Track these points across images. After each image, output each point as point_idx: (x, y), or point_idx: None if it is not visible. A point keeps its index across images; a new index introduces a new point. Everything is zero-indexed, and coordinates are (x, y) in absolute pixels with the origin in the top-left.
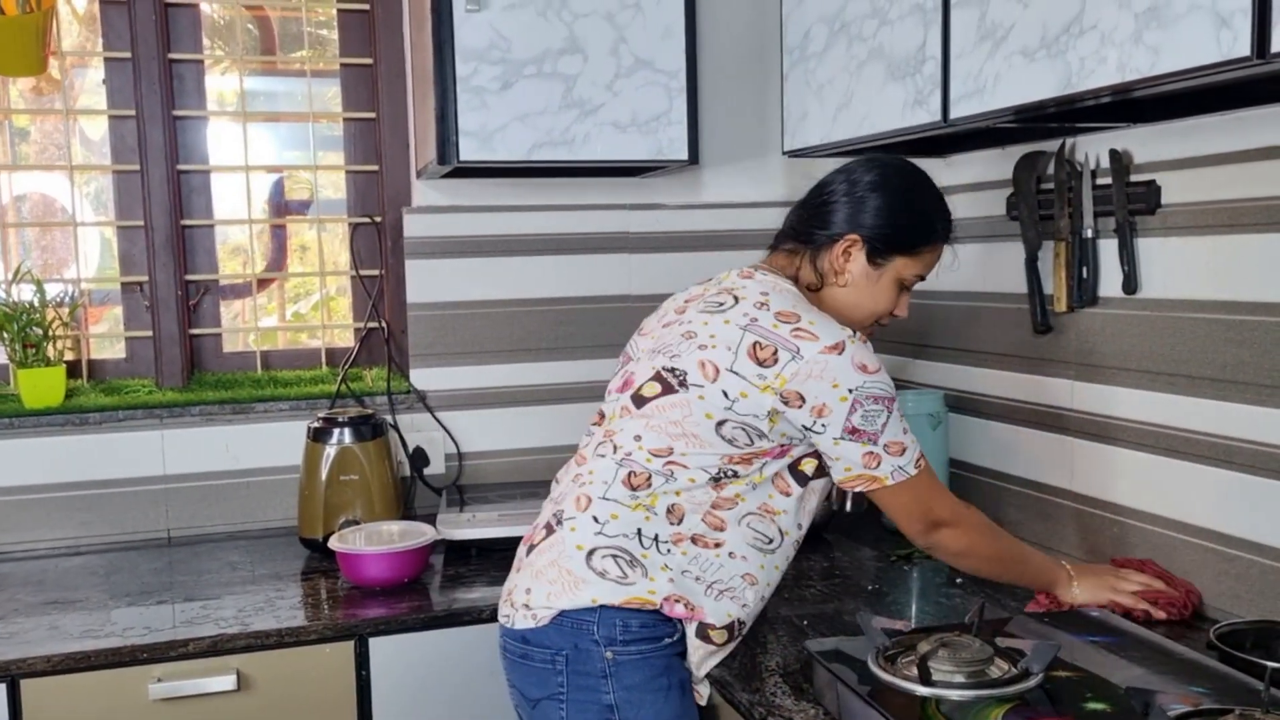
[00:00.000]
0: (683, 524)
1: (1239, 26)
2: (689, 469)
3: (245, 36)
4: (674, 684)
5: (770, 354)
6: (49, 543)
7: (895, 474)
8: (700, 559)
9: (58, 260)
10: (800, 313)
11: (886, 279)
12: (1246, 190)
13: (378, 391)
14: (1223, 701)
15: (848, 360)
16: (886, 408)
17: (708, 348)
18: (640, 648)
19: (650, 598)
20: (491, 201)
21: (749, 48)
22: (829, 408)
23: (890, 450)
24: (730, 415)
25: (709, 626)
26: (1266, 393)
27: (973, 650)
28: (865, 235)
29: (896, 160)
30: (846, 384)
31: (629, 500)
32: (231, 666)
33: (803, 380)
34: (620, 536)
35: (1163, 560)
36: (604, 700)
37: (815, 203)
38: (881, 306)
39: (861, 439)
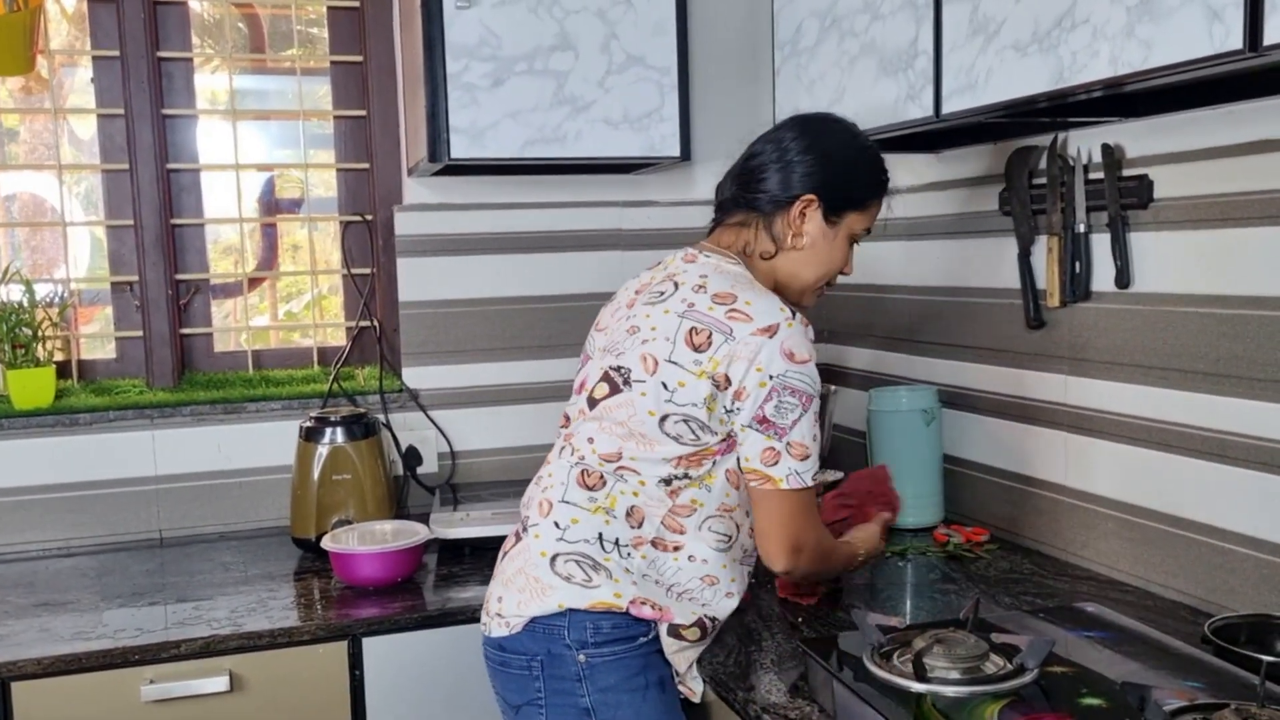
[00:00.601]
0: (643, 527)
1: (1231, 20)
2: (639, 473)
3: (234, 34)
4: (651, 682)
5: (705, 338)
6: (39, 544)
7: (791, 478)
8: (659, 563)
9: (47, 260)
10: (738, 293)
11: (841, 236)
12: (1239, 184)
13: (370, 390)
14: (1218, 696)
15: (777, 345)
16: (803, 404)
17: (649, 341)
18: (614, 649)
19: (616, 601)
20: (483, 199)
21: (740, 43)
22: (746, 391)
23: (793, 452)
24: (671, 408)
25: (680, 626)
26: (1260, 386)
27: (968, 646)
28: (821, 194)
29: (828, 116)
30: (769, 369)
31: (587, 503)
32: (224, 667)
33: (731, 361)
34: (581, 541)
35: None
36: (580, 704)
37: (755, 168)
38: (836, 264)
39: (768, 431)
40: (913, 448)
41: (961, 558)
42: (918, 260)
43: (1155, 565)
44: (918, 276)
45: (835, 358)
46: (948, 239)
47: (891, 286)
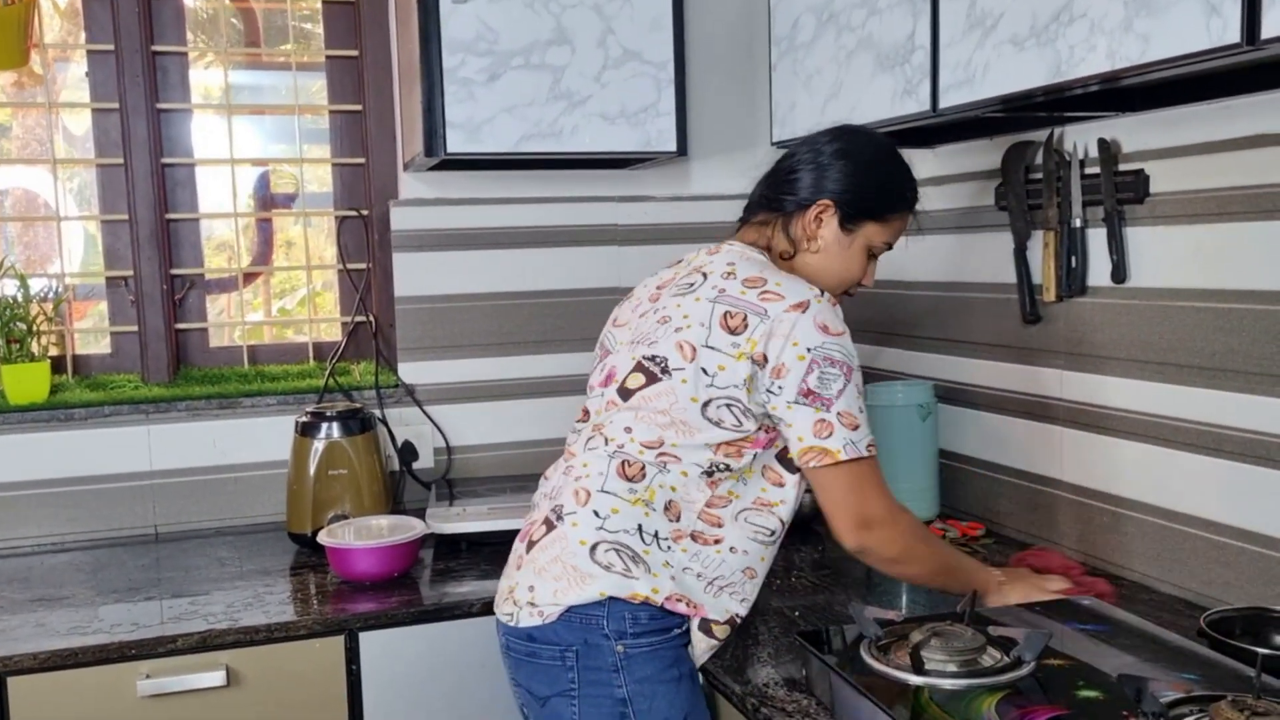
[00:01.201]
0: (680, 521)
1: (1229, 13)
2: (681, 461)
3: (229, 29)
4: (684, 674)
5: (740, 320)
6: (34, 539)
7: (848, 448)
8: (701, 555)
9: (41, 255)
10: (768, 276)
11: (857, 245)
12: (1234, 179)
13: (366, 386)
14: (1214, 688)
15: (810, 319)
16: (845, 375)
17: (683, 329)
18: (651, 640)
19: (653, 596)
20: (479, 194)
21: (737, 38)
22: (786, 367)
23: (844, 421)
24: (713, 393)
25: (712, 622)
26: (1255, 380)
27: (965, 639)
28: (838, 201)
29: (865, 129)
30: (806, 342)
31: (627, 494)
32: (220, 662)
33: (768, 339)
34: (621, 531)
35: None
36: (616, 694)
37: (785, 170)
38: (853, 273)
39: (815, 403)
40: (909, 443)
41: None
42: (914, 255)
43: (1151, 559)
44: (914, 271)
45: None
46: (944, 234)
47: (888, 281)
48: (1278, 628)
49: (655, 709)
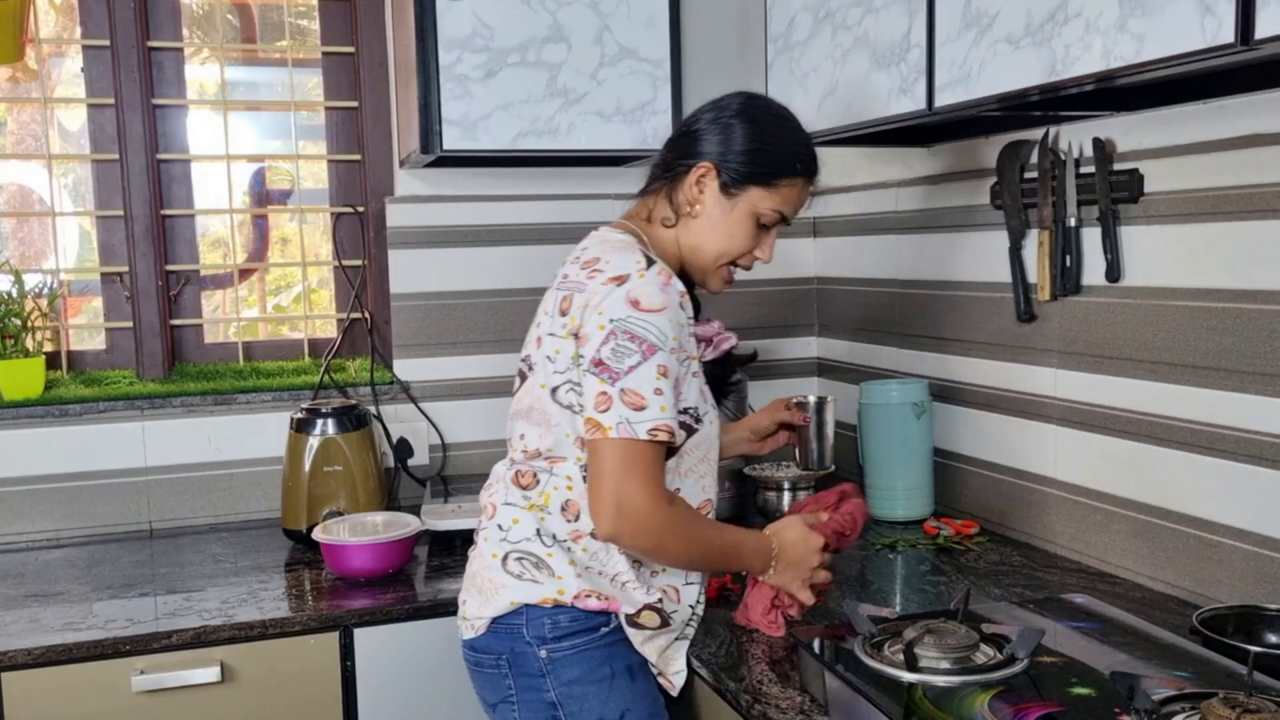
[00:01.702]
0: (579, 521)
1: (1223, 13)
2: (567, 461)
3: (225, 25)
4: (618, 671)
5: (569, 302)
6: (29, 535)
7: (620, 427)
8: (601, 554)
9: (36, 251)
10: (602, 254)
11: (740, 211)
12: (1228, 178)
13: (361, 382)
14: (1206, 685)
15: (623, 292)
16: (643, 352)
17: (540, 323)
18: (574, 642)
19: (560, 597)
20: (475, 191)
21: (733, 36)
22: (587, 337)
23: (626, 399)
24: (557, 379)
25: (631, 615)
26: (1248, 380)
27: (958, 637)
28: (718, 163)
29: (762, 96)
30: (610, 314)
31: (523, 502)
32: (215, 658)
33: (583, 312)
34: (524, 540)
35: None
36: (546, 699)
37: (678, 135)
38: (736, 242)
39: (602, 374)
40: (903, 441)
41: (952, 550)
42: (909, 254)
43: (1144, 557)
44: (909, 270)
45: (826, 351)
46: (939, 232)
47: (882, 280)
48: (1270, 626)
49: (586, 710)
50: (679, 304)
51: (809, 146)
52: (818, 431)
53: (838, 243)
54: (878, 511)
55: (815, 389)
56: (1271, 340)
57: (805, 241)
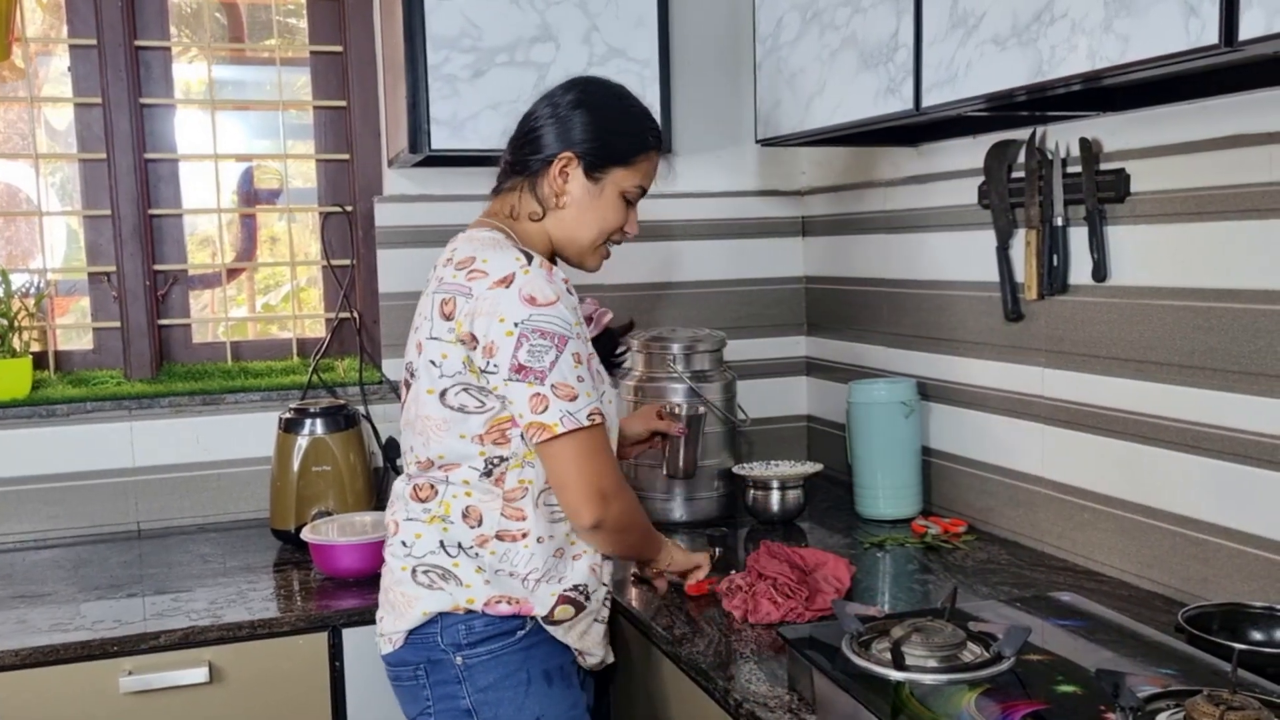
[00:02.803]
0: (483, 525)
1: (1207, 14)
2: (460, 468)
3: (213, 24)
4: (535, 676)
5: (451, 304)
6: (16, 536)
7: (565, 420)
8: (511, 554)
9: (23, 250)
10: (477, 254)
11: (608, 193)
12: (1214, 178)
13: (350, 382)
14: (1190, 682)
15: (515, 292)
16: (556, 345)
17: (417, 329)
18: (489, 647)
19: (471, 605)
20: (464, 190)
21: (722, 36)
22: (496, 345)
23: (559, 393)
24: (445, 382)
25: (549, 615)
26: (1233, 379)
27: (945, 635)
28: (579, 151)
29: (596, 78)
30: (512, 317)
31: (423, 515)
32: (203, 659)
33: (473, 318)
34: (428, 554)
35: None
36: (461, 705)
37: (524, 131)
38: (610, 222)
39: (528, 378)
40: (892, 440)
41: (939, 548)
42: (897, 253)
43: (1130, 555)
44: (897, 269)
45: (815, 350)
46: (927, 232)
47: (870, 279)
48: (1254, 623)
49: (501, 716)
50: (567, 290)
51: (652, 119)
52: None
53: (826, 242)
54: (866, 510)
55: (804, 388)
56: (1256, 339)
57: (794, 241)
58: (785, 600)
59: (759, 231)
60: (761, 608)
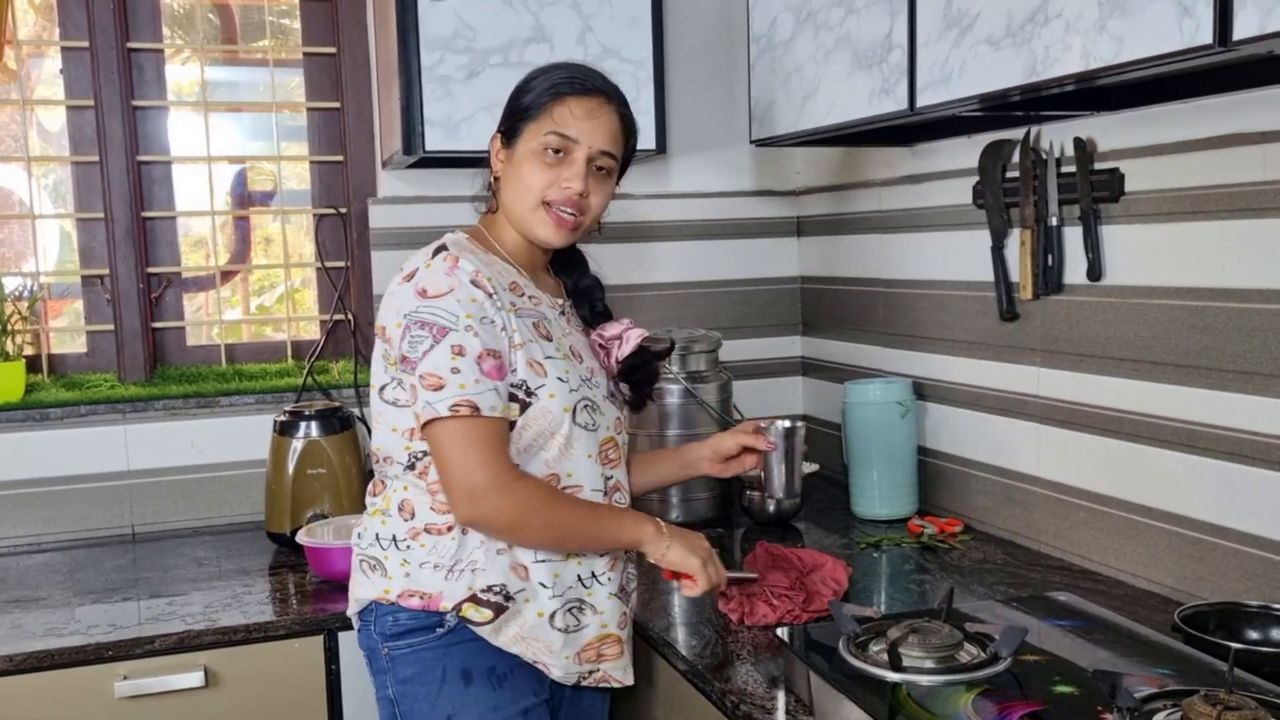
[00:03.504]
0: (415, 519)
1: (1201, 15)
2: (392, 461)
3: (206, 25)
4: (451, 675)
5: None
6: (10, 541)
7: (425, 409)
8: (438, 546)
9: (15, 254)
10: (413, 254)
11: (525, 152)
12: (1208, 178)
13: (344, 384)
14: (1187, 682)
15: (411, 286)
16: (434, 336)
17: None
18: (410, 641)
19: (385, 595)
20: (458, 192)
21: (716, 36)
22: (392, 338)
23: (425, 383)
24: (381, 376)
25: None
26: (1228, 378)
27: (942, 636)
28: (501, 129)
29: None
30: (403, 309)
31: (370, 509)
32: (199, 663)
33: (384, 313)
34: (368, 546)
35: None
36: (387, 694)
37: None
38: (534, 179)
39: (407, 368)
40: (887, 440)
41: (936, 548)
42: (892, 253)
43: (1126, 555)
44: (892, 269)
45: (810, 351)
46: (922, 232)
47: (866, 279)
48: (1250, 622)
49: (416, 711)
50: (470, 282)
51: (557, 68)
52: (786, 460)
53: (821, 242)
54: (862, 510)
55: (800, 388)
56: (1251, 338)
57: (789, 241)
58: (781, 602)
59: (754, 232)
60: (758, 610)
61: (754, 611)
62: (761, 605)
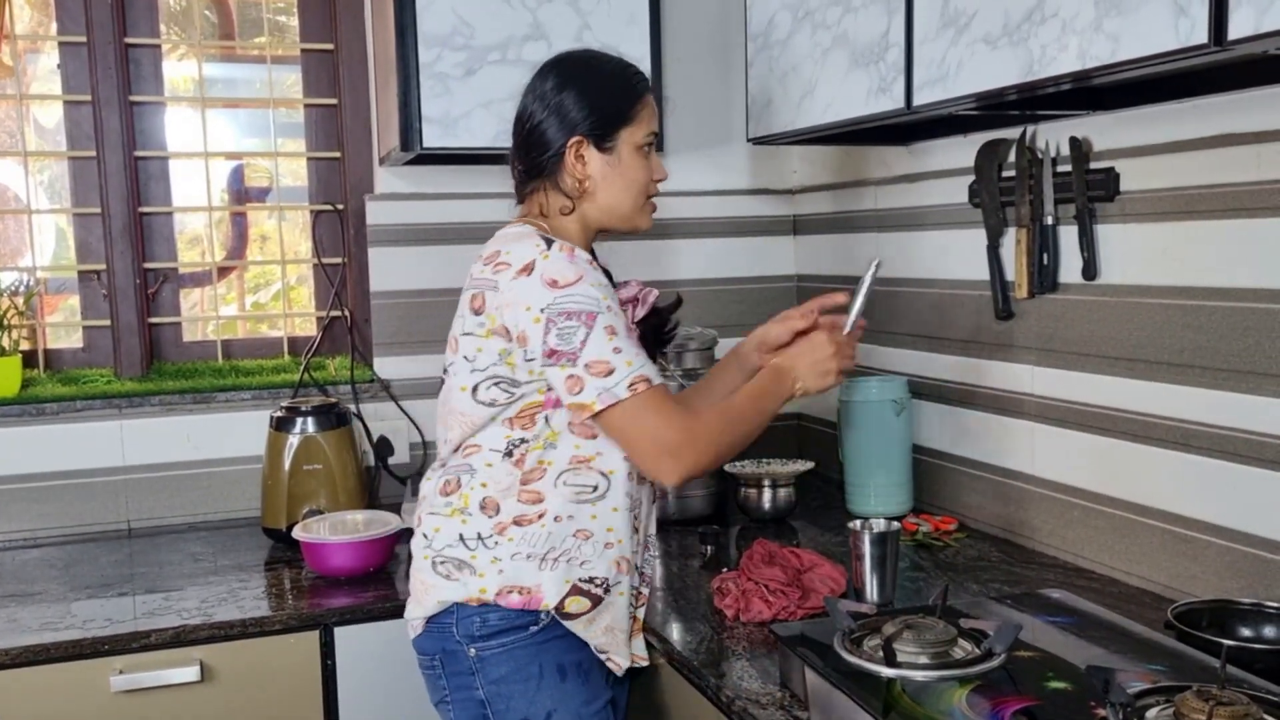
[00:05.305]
0: (500, 514)
1: (1196, 14)
2: (481, 450)
3: (203, 22)
4: (548, 670)
5: (481, 299)
6: (6, 535)
7: (602, 397)
8: (529, 536)
9: (11, 249)
10: (501, 247)
11: (625, 155)
12: (1203, 177)
13: (341, 380)
14: (1180, 679)
15: (537, 279)
16: (585, 324)
17: (454, 326)
18: (502, 641)
19: (483, 595)
20: (455, 189)
21: (713, 35)
22: (527, 334)
23: (594, 371)
24: (477, 377)
25: (559, 606)
26: (1222, 377)
27: (937, 632)
28: (585, 130)
29: (564, 55)
30: (537, 304)
31: (445, 509)
32: (194, 658)
33: (503, 311)
34: (445, 547)
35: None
36: (476, 696)
37: (524, 134)
38: (639, 181)
39: (560, 361)
40: (883, 437)
41: (930, 546)
42: (888, 252)
43: (1120, 553)
44: (888, 268)
45: None
46: (918, 231)
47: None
48: (1243, 620)
49: (513, 708)
50: (590, 267)
51: (633, 66)
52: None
53: (817, 240)
54: (857, 508)
55: None
56: (1245, 337)
57: (785, 240)
58: (777, 599)
59: (750, 230)
60: (753, 607)
61: (750, 608)
62: (757, 601)
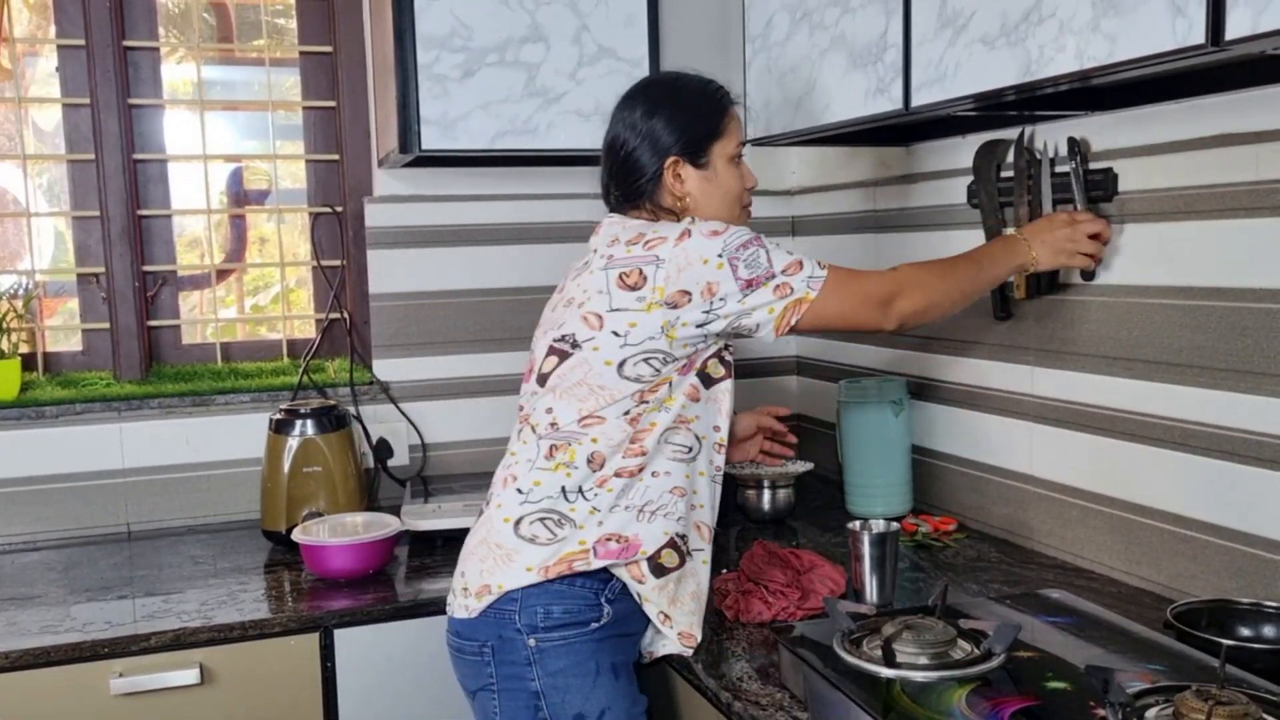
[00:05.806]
0: (605, 468)
1: (1194, 14)
2: (605, 420)
3: (201, 24)
4: (604, 668)
5: (638, 275)
6: (5, 538)
7: (811, 283)
8: (629, 488)
9: (10, 252)
10: (645, 231)
11: (720, 169)
12: (1201, 177)
13: (340, 383)
14: (1179, 678)
15: (700, 237)
16: (759, 245)
17: (585, 303)
18: (564, 634)
19: (581, 549)
20: (454, 191)
21: (712, 35)
22: (715, 282)
23: (790, 273)
24: (628, 351)
25: (654, 556)
26: (1220, 376)
27: (936, 632)
28: (679, 151)
29: (647, 81)
30: (713, 252)
31: (548, 464)
32: (194, 660)
33: (678, 276)
34: (545, 499)
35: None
36: (530, 687)
37: (618, 162)
38: (736, 190)
39: (760, 283)
40: (882, 438)
41: (930, 546)
42: (887, 252)
43: (1119, 553)
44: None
45: (805, 349)
46: (916, 231)
47: None
48: (1242, 619)
49: (568, 703)
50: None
51: (713, 82)
52: (877, 565)
53: (816, 241)
54: (857, 509)
55: (794, 387)
56: (1243, 337)
57: (784, 240)
58: (777, 599)
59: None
60: (753, 607)
61: (749, 608)
62: (757, 602)
